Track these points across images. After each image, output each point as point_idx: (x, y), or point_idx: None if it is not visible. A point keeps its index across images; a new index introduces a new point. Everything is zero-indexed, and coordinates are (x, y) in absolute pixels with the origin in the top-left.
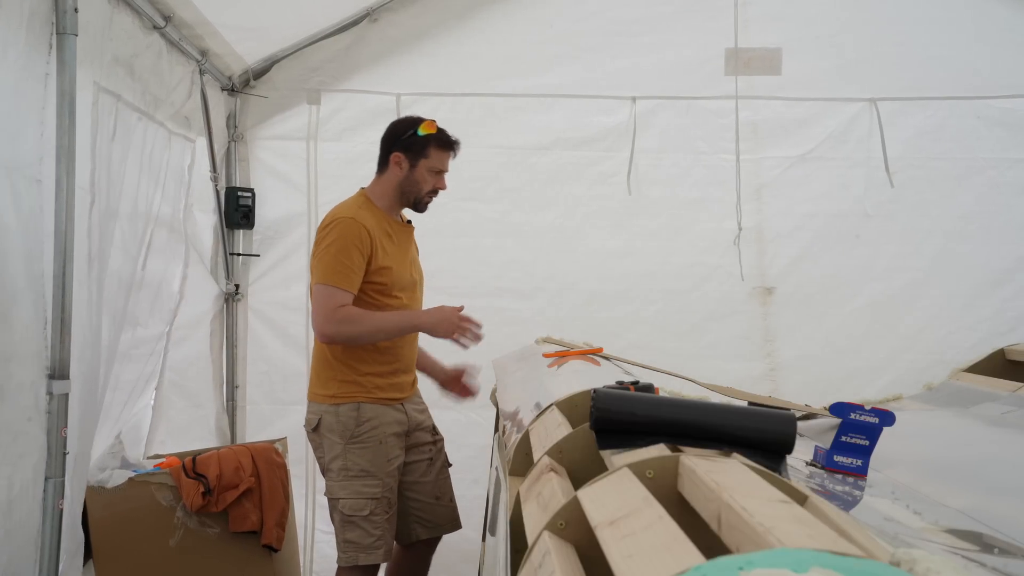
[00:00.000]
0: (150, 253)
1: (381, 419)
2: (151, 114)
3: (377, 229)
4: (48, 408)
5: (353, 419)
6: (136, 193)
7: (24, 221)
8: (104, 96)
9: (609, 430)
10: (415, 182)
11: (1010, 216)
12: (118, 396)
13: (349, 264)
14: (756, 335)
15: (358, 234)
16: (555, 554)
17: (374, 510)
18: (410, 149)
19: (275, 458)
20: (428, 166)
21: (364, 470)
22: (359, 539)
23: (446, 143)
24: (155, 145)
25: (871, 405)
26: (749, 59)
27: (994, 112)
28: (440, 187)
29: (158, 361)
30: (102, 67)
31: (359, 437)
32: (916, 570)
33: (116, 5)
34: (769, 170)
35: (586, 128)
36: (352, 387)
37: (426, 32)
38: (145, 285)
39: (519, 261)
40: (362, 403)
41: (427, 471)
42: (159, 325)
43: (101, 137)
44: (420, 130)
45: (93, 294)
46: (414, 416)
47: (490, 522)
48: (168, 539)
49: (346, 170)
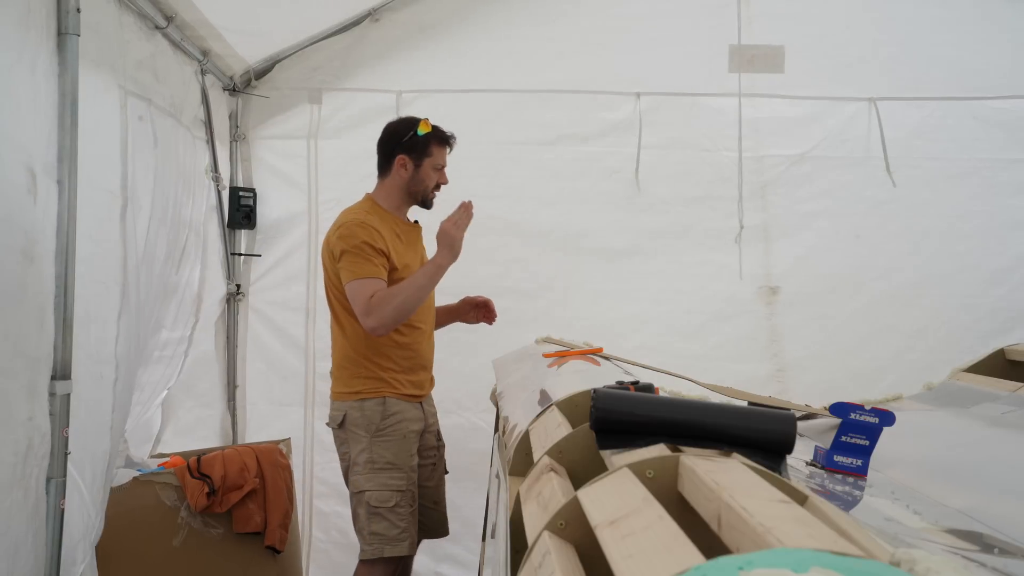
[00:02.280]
0: (183, 258)
1: (404, 414)
2: (178, 117)
3: (387, 231)
4: (51, 409)
5: (379, 413)
6: (175, 198)
7: (33, 220)
8: (133, 100)
9: (609, 430)
10: (421, 180)
11: (1007, 215)
12: (140, 397)
13: (369, 256)
14: (762, 335)
15: (370, 233)
16: (555, 554)
17: (399, 502)
18: (413, 150)
19: (279, 459)
20: (432, 164)
21: (390, 463)
22: (385, 531)
23: (444, 139)
24: (184, 149)
25: (871, 405)
26: (752, 56)
27: (992, 112)
28: (443, 182)
29: (180, 363)
30: (125, 71)
31: (384, 431)
32: (916, 570)
33: (120, 7)
34: (772, 168)
35: (590, 124)
36: (377, 383)
37: (428, 30)
38: (176, 289)
39: (523, 259)
40: (388, 397)
41: (430, 475)
42: (183, 328)
43: (136, 141)
44: (419, 130)
45: (133, 298)
46: (427, 417)
47: (490, 522)
48: (172, 539)
49: (347, 168)
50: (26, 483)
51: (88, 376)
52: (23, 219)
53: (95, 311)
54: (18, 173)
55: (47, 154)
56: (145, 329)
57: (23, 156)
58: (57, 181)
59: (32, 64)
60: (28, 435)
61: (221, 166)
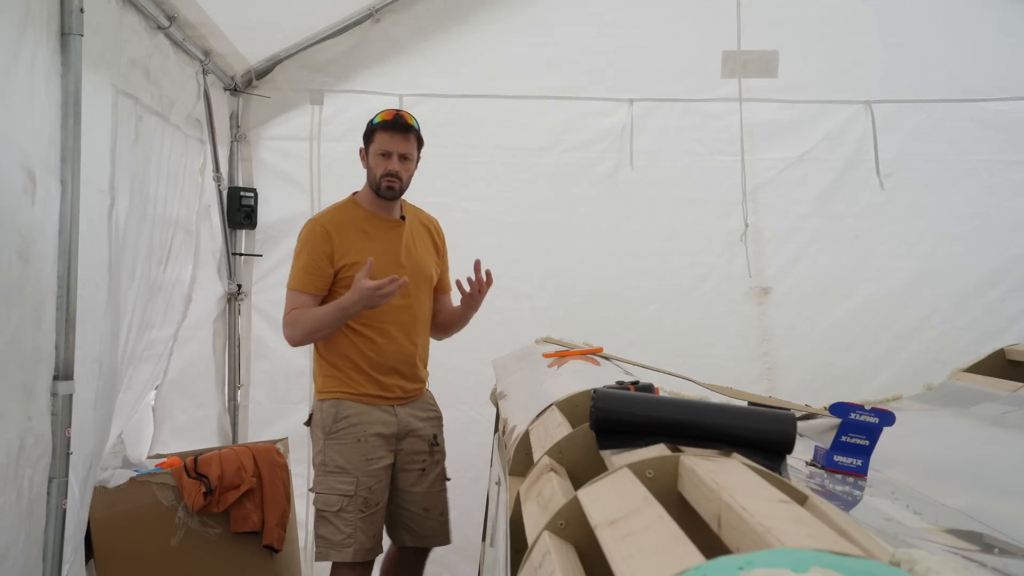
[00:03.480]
0: (170, 256)
1: (362, 418)
2: (166, 116)
3: (345, 226)
4: (52, 409)
5: (331, 415)
6: (158, 196)
7: (30, 221)
8: (123, 99)
9: (609, 430)
10: (370, 169)
11: (1004, 217)
12: (128, 397)
13: (307, 266)
14: (753, 335)
15: (312, 234)
16: (555, 554)
17: (344, 507)
18: (365, 139)
19: (276, 458)
20: (375, 150)
21: (339, 466)
22: (330, 535)
23: (389, 125)
24: (173, 148)
25: (871, 405)
26: (745, 61)
27: (988, 115)
28: (390, 168)
29: (165, 362)
30: (119, 69)
31: (336, 433)
32: (916, 570)
33: (123, 6)
34: (764, 172)
35: (584, 130)
36: (333, 382)
37: (428, 33)
38: (163, 288)
39: (519, 261)
40: (341, 400)
41: (417, 481)
42: (170, 327)
43: (122, 140)
44: (375, 119)
45: (115, 297)
46: (408, 421)
47: (490, 522)
48: (169, 539)
49: (349, 170)
50: (19, 484)
51: (84, 375)
52: (18, 220)
53: (89, 310)
54: (14, 173)
55: (47, 154)
56: (129, 327)
57: (20, 156)
58: (60, 181)
59: (31, 64)
60: (20, 436)
61: (221, 166)
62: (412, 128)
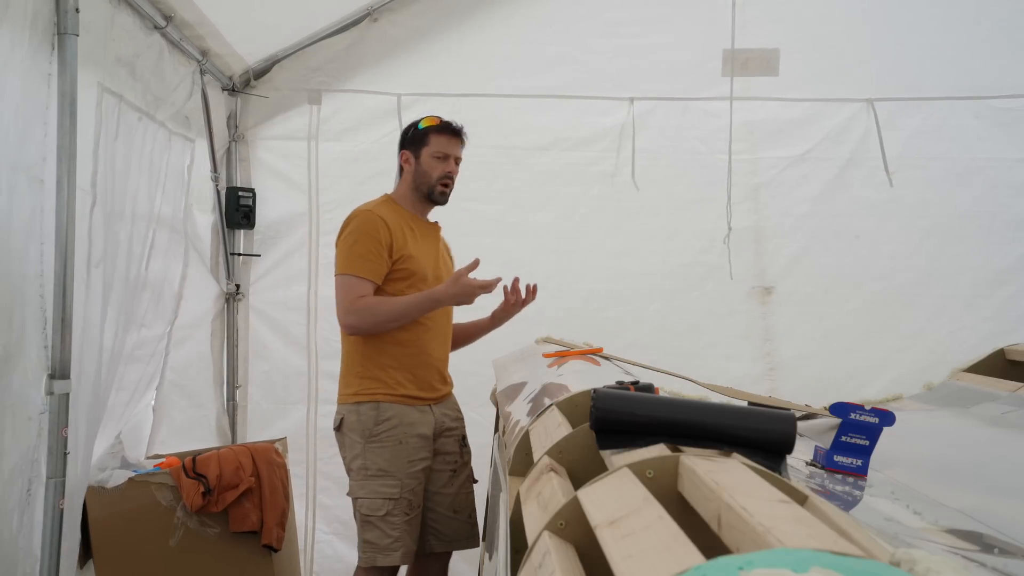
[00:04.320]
0: (153, 254)
1: (403, 419)
2: (152, 114)
3: (398, 222)
4: (48, 408)
5: (372, 418)
6: (138, 194)
7: (26, 221)
8: (107, 96)
9: (609, 430)
10: (423, 172)
11: (1009, 216)
12: (121, 397)
13: (366, 253)
14: (755, 335)
15: (374, 224)
16: (555, 554)
17: (391, 510)
18: (413, 143)
19: (275, 458)
20: (430, 152)
21: (382, 469)
22: (377, 540)
23: (445, 128)
24: (155, 145)
25: (871, 405)
26: (747, 60)
27: (992, 112)
28: (449, 171)
29: (160, 361)
30: (105, 67)
31: (378, 436)
32: (916, 570)
33: (117, 5)
34: (766, 170)
35: (584, 129)
36: (373, 384)
37: (426, 32)
38: (148, 286)
39: (518, 260)
40: (382, 402)
41: (448, 483)
42: (161, 325)
43: (104, 138)
44: (421, 124)
45: (97, 295)
46: (443, 421)
47: (490, 522)
48: (168, 539)
49: (347, 170)
50: (17, 484)
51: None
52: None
53: (79, 310)
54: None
55: (45, 154)
56: (116, 326)
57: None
58: (56, 180)
59: (22, 63)
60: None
61: (219, 166)
62: (463, 134)
